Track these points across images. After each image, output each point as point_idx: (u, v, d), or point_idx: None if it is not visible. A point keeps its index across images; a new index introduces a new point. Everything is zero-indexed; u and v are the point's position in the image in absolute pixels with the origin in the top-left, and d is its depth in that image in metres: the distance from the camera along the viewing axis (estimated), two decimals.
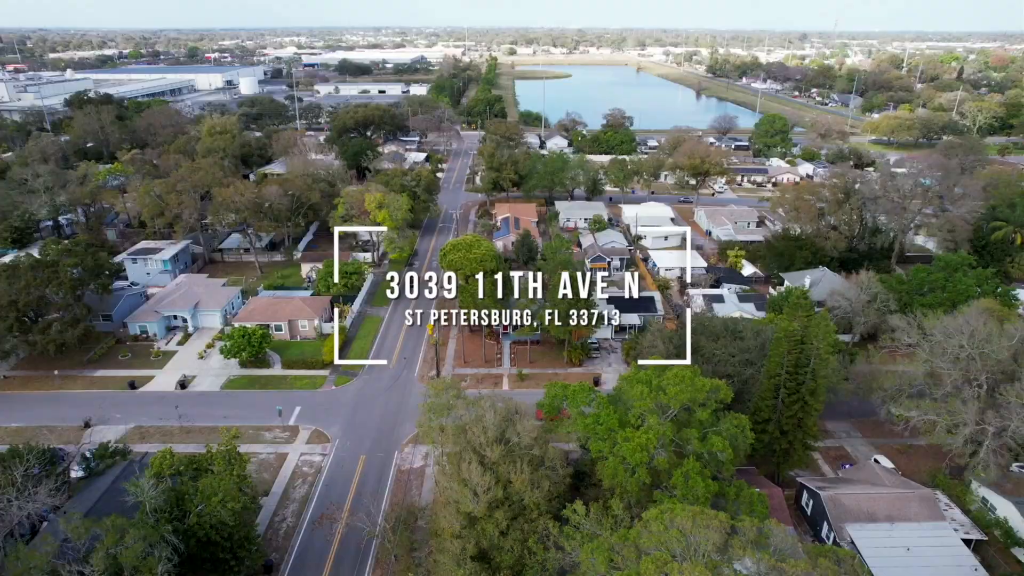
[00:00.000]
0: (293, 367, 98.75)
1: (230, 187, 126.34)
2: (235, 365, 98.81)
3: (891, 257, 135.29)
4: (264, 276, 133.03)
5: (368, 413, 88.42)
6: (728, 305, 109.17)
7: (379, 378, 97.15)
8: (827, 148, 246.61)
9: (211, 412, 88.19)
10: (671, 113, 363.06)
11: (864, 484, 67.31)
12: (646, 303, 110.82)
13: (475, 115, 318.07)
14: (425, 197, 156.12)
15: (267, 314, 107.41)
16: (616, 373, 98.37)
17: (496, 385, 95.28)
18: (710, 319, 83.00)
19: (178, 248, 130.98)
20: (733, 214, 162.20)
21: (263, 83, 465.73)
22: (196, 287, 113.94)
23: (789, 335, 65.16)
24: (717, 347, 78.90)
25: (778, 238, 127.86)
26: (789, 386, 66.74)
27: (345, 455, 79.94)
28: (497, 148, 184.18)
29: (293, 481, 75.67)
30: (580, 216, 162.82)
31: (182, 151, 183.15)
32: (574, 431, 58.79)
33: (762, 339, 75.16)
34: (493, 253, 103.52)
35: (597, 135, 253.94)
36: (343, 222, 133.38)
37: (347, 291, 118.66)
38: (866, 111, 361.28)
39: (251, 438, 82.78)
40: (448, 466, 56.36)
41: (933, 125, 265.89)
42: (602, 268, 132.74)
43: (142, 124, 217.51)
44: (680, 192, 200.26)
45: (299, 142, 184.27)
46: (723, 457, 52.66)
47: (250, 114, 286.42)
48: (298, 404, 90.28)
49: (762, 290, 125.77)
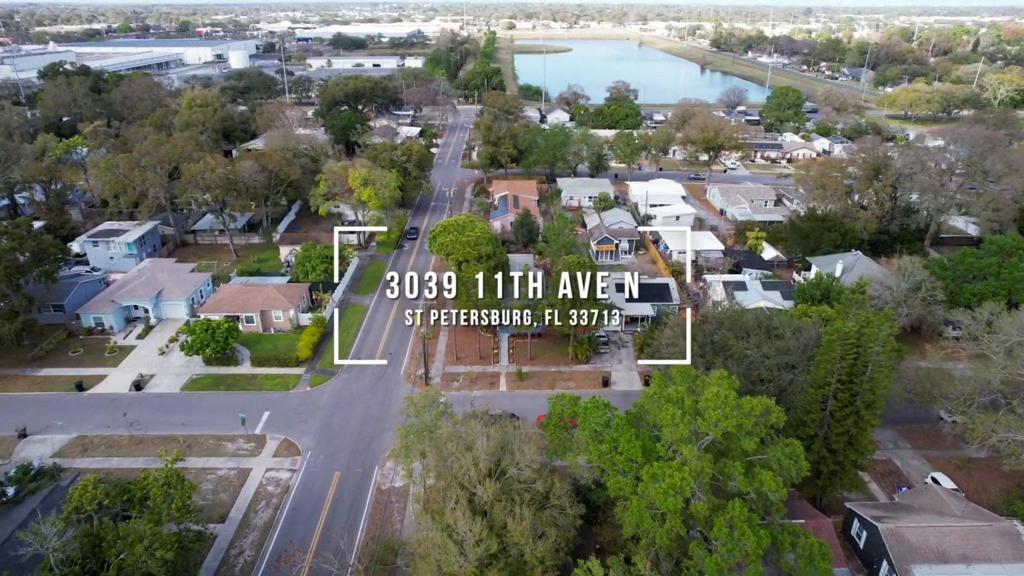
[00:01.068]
0: (264, 365, 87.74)
1: (200, 162, 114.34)
2: (200, 362, 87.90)
3: (924, 239, 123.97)
4: (239, 260, 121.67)
5: (346, 419, 77.58)
6: (752, 293, 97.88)
7: (360, 377, 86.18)
8: (843, 122, 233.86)
9: (168, 418, 77.34)
10: (675, 88, 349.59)
11: (929, 513, 56.63)
12: (659, 291, 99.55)
13: (472, 88, 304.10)
14: (417, 173, 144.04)
15: (237, 304, 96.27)
16: (627, 371, 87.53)
17: (492, 385, 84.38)
18: (740, 312, 71.64)
19: (145, 230, 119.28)
20: (749, 192, 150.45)
21: (255, 58, 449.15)
22: (160, 273, 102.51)
23: (843, 337, 54.05)
24: (749, 346, 67.88)
25: (803, 218, 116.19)
26: (841, 397, 55.79)
27: (317, 471, 69.19)
28: (495, 121, 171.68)
29: (255, 503, 64.97)
30: (584, 194, 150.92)
31: (158, 124, 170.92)
32: (587, 460, 47.87)
33: (804, 339, 63.94)
34: (489, 235, 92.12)
35: (601, 109, 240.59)
36: (325, 200, 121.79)
37: (328, 277, 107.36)
38: (879, 85, 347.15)
39: (210, 450, 72.08)
40: (430, 502, 45.52)
41: (953, 98, 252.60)
42: (609, 250, 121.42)
43: (118, 96, 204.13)
44: (690, 168, 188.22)
45: (282, 115, 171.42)
46: (775, 497, 41.84)
47: (237, 88, 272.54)
48: (267, 408, 79.40)
49: (784, 276, 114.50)
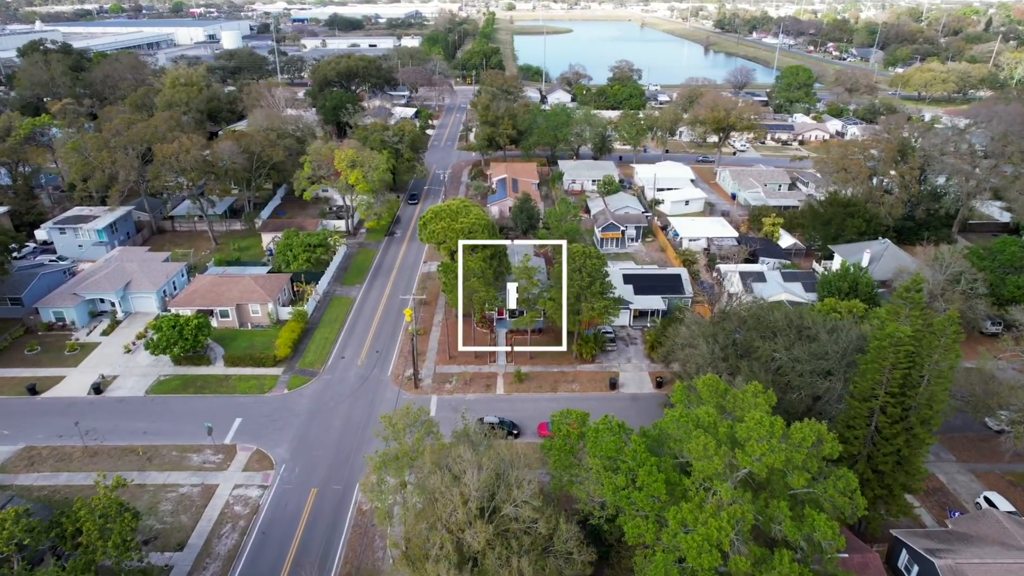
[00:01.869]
0: (238, 364, 79.90)
1: (174, 143, 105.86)
2: (168, 362, 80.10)
3: (952, 226, 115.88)
4: (219, 248, 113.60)
5: (325, 427, 69.91)
6: (771, 285, 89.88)
7: (343, 378, 78.40)
8: (856, 103, 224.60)
9: (128, 426, 69.65)
10: (678, 69, 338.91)
11: (992, 545, 49.03)
12: (671, 282, 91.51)
13: (470, 68, 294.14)
14: (409, 155, 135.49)
15: (211, 297, 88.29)
16: (637, 371, 79.75)
17: (489, 388, 76.64)
18: (766, 309, 63.68)
19: (116, 216, 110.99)
20: (762, 175, 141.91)
21: (248, 38, 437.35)
22: (129, 263, 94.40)
23: (897, 343, 46.16)
24: (777, 348, 60.03)
25: (824, 203, 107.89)
26: (891, 412, 48.01)
27: (291, 488, 61.61)
28: (493, 100, 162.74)
29: (220, 527, 57.40)
30: (587, 177, 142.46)
31: (138, 104, 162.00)
32: (598, 495, 40.18)
33: (844, 343, 55.99)
34: (484, 222, 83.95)
35: (603, 89, 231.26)
36: (310, 184, 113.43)
37: (311, 267, 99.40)
38: (889, 65, 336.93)
39: (173, 463, 64.45)
40: (411, 547, 37.87)
41: (970, 78, 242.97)
42: (615, 237, 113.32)
43: (99, 76, 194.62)
44: (697, 151, 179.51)
45: (268, 94, 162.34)
46: (830, 547, 34.17)
47: (227, 67, 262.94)
48: (239, 414, 71.70)
49: (803, 265, 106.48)
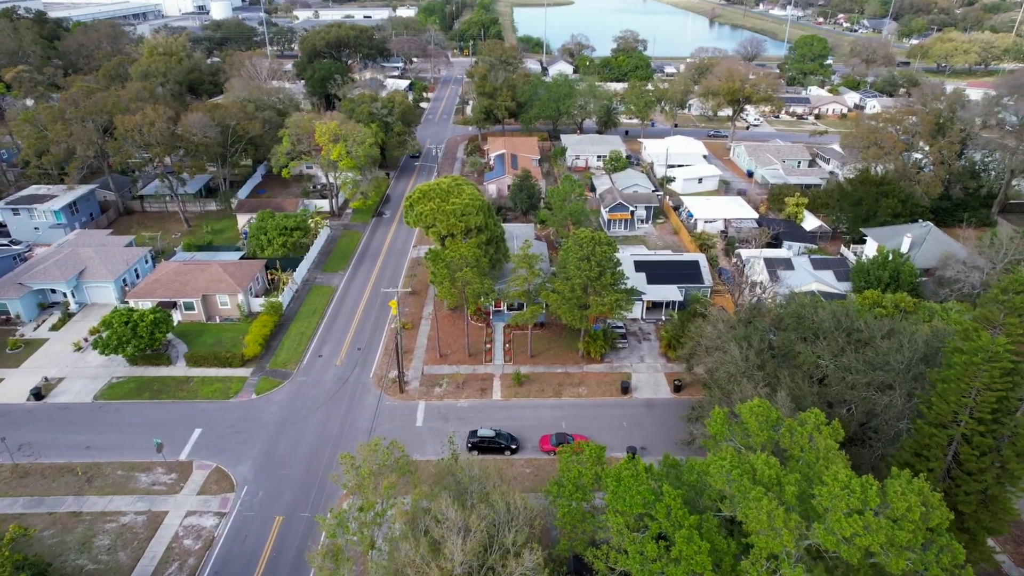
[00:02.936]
0: (202, 364, 70.70)
1: (137, 114, 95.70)
2: (123, 362, 70.93)
3: (992, 206, 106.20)
4: (191, 231, 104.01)
5: (296, 440, 60.95)
6: (800, 273, 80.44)
7: (318, 381, 69.28)
8: (873, 75, 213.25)
9: (70, 439, 60.70)
10: (682, 42, 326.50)
11: None
12: (688, 270, 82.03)
13: (468, 39, 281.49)
14: (400, 129, 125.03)
15: (174, 287, 78.87)
16: (651, 371, 70.61)
17: (484, 392, 67.57)
18: (808, 306, 54.15)
19: (77, 195, 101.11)
20: (780, 151, 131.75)
21: (239, 10, 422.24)
22: (85, 248, 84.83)
23: (992, 359, 36.89)
24: (821, 353, 50.76)
25: (854, 181, 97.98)
26: (979, 443, 38.93)
27: (253, 516, 52.75)
28: (491, 70, 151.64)
29: (164, 566, 48.57)
30: (592, 153, 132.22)
31: (111, 74, 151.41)
32: (621, 565, 31.12)
33: (910, 353, 46.55)
34: (479, 203, 74.25)
35: (607, 60, 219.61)
36: (289, 160, 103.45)
37: (289, 252, 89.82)
38: (903, 36, 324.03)
39: (117, 485, 55.51)
40: None
41: (993, 49, 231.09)
42: (624, 218, 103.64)
43: (73, 45, 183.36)
44: (708, 124, 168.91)
45: (248, 63, 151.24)
46: None
47: (213, 39, 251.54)
48: (199, 424, 62.73)
49: (829, 249, 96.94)
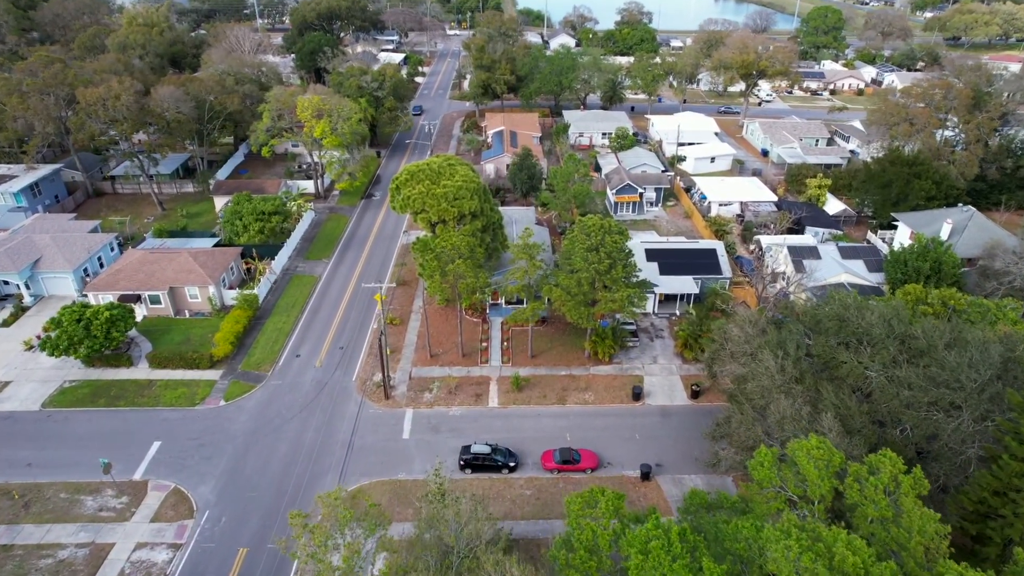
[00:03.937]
0: (166, 366, 63.50)
1: (101, 87, 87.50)
2: (78, 363, 63.77)
3: None
4: (165, 214, 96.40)
5: (267, 455, 53.93)
6: (828, 263, 72.88)
7: (295, 385, 62.13)
8: (890, 48, 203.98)
9: (10, 454, 53.65)
10: (686, 16, 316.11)
11: None
12: (705, 259, 74.53)
13: (466, 11, 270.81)
14: (392, 104, 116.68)
15: (139, 278, 71.39)
16: (665, 374, 63.47)
17: (479, 398, 60.47)
18: (855, 309, 46.64)
19: (39, 175, 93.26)
20: (797, 128, 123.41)
21: None
22: (42, 235, 77.27)
23: None
24: (869, 364, 43.47)
25: (883, 161, 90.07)
26: None
27: (214, 547, 45.85)
28: (489, 42, 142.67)
29: None
30: (597, 130, 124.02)
31: (87, 46, 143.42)
32: None
33: (985, 368, 39.11)
34: (474, 185, 66.55)
35: (611, 33, 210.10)
36: (270, 137, 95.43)
37: (267, 239, 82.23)
38: (917, 8, 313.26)
39: (59, 510, 48.54)
40: None
41: (1016, 21, 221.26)
42: (632, 201, 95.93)
43: (48, 15, 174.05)
44: (718, 100, 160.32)
45: (231, 35, 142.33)
46: None
47: (201, 10, 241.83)
48: (159, 436, 55.68)
49: (854, 236, 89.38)
